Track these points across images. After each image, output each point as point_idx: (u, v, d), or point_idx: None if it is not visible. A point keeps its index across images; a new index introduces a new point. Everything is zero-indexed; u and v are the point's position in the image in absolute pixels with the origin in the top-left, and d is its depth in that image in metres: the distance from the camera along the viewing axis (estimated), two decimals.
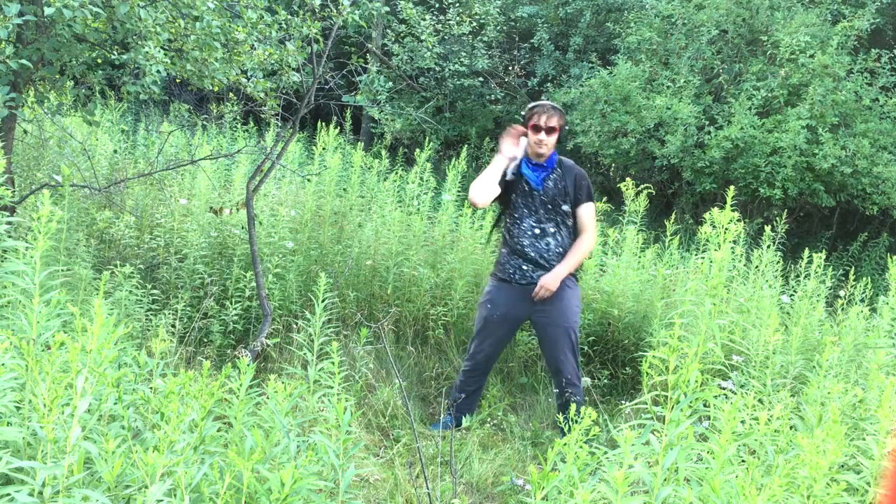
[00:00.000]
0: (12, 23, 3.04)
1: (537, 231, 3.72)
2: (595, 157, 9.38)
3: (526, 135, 3.76)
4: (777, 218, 5.93)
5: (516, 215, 3.76)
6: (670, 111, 8.04)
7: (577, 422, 2.05)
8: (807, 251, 4.72)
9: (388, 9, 9.65)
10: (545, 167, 3.72)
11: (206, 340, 4.32)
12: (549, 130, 3.65)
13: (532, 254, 3.72)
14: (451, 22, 10.12)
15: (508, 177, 3.71)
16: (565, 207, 3.73)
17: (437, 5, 10.37)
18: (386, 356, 4.42)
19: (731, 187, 3.87)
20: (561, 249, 3.74)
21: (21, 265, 2.25)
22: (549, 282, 3.66)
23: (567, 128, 3.96)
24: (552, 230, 3.74)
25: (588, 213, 3.77)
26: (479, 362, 3.90)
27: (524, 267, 3.74)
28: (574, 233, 3.80)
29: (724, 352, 3.60)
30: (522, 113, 3.73)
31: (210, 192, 5.65)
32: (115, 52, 4.09)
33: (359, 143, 9.32)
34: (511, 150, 3.74)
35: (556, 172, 3.74)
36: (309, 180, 5.46)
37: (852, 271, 4.82)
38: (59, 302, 2.12)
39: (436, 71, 10.53)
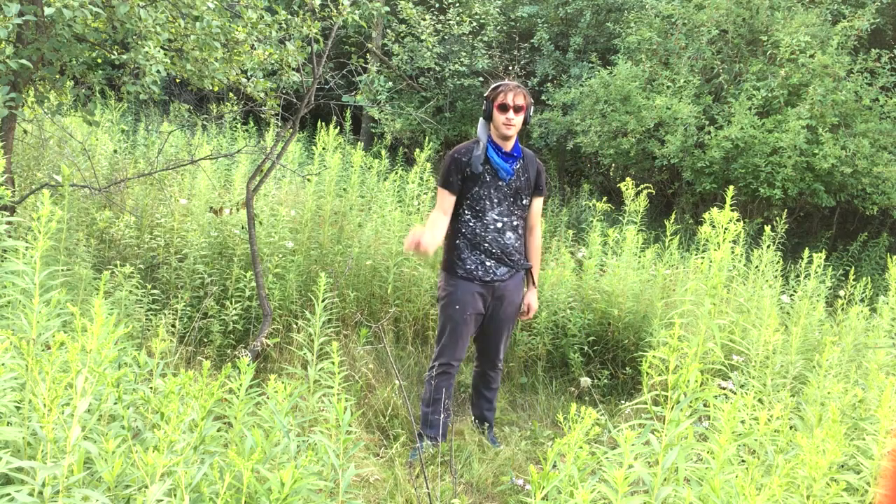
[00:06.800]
0: (12, 23, 3.04)
1: (499, 224, 3.56)
2: (595, 157, 9.38)
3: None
4: (777, 218, 5.93)
5: (478, 208, 3.54)
6: (670, 111, 8.04)
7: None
8: (807, 251, 4.72)
9: (388, 9, 9.67)
10: (514, 156, 3.57)
11: (206, 340, 4.32)
12: (517, 109, 3.47)
13: (495, 249, 3.56)
14: (451, 22, 10.12)
15: (476, 170, 3.51)
16: (525, 201, 3.62)
17: (437, 5, 10.37)
18: (386, 356, 4.42)
19: (731, 187, 3.86)
20: (519, 243, 3.64)
21: (21, 265, 2.25)
22: (535, 303, 3.83)
23: (533, 108, 3.80)
24: (515, 223, 3.60)
25: (540, 205, 3.73)
26: (455, 365, 3.69)
27: (487, 263, 3.58)
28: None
29: (724, 352, 3.60)
30: (486, 94, 3.54)
31: (210, 192, 5.65)
32: (115, 52, 4.09)
33: (359, 143, 9.33)
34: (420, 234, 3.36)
35: (520, 162, 3.60)
36: (309, 180, 5.46)
37: (852, 271, 4.82)
38: (59, 302, 2.12)
39: (436, 71, 10.53)
